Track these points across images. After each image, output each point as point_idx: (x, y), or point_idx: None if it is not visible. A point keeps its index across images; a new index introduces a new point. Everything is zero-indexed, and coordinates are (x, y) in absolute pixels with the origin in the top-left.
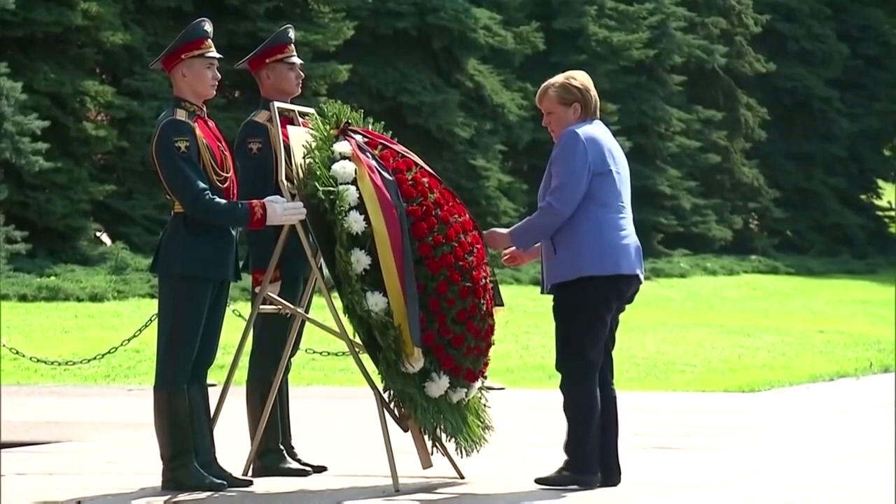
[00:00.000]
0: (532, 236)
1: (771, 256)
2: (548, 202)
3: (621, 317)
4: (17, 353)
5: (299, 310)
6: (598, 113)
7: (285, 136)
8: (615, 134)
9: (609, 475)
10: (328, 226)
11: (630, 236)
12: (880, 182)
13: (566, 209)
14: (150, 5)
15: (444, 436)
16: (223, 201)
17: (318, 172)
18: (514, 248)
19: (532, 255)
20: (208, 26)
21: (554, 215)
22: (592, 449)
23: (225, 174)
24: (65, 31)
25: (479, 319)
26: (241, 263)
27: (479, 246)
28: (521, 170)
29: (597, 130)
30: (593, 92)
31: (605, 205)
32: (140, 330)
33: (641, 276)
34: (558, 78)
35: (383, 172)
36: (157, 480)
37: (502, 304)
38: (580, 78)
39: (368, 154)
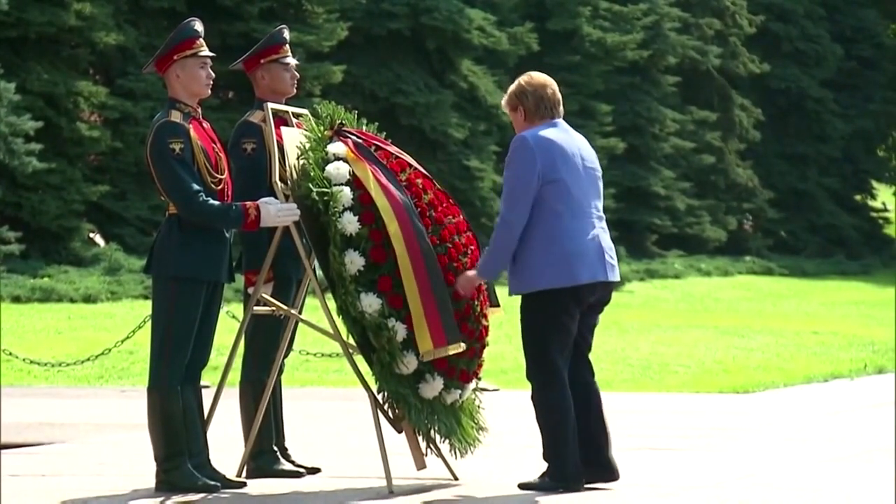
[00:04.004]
0: (497, 260)
1: (765, 257)
2: (499, 217)
3: (613, 318)
4: (11, 354)
5: (293, 311)
6: (556, 113)
7: (279, 136)
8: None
9: (603, 473)
10: (322, 227)
11: (592, 241)
12: (874, 183)
13: (518, 218)
14: (144, 6)
15: (438, 437)
16: (217, 203)
17: (311, 173)
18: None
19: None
20: (199, 26)
21: (508, 228)
22: (571, 454)
23: (219, 176)
24: (58, 31)
25: (473, 321)
26: (233, 264)
27: (473, 247)
28: None
29: (553, 134)
30: (541, 92)
31: (557, 213)
32: (133, 331)
33: (610, 278)
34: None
35: (383, 171)
36: (150, 482)
37: (498, 305)
38: (528, 79)
39: (366, 153)
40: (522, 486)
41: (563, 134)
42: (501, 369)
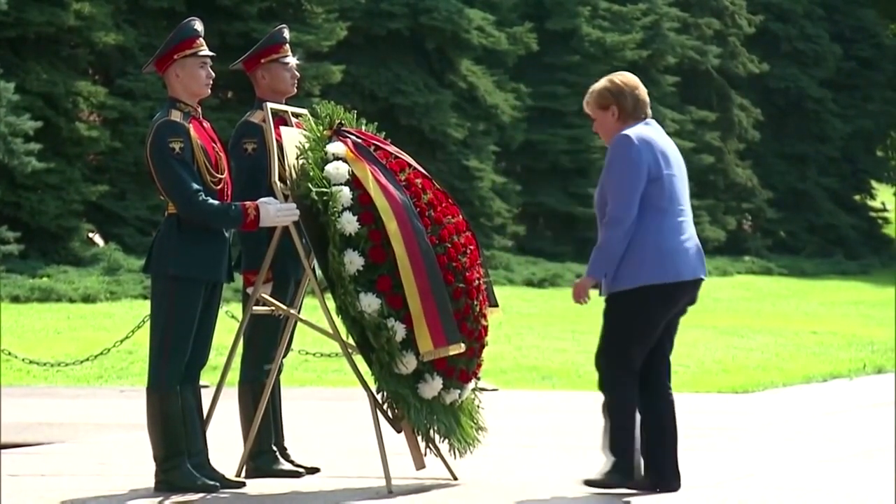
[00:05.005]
0: (609, 258)
1: (764, 257)
2: (608, 215)
3: None
4: (10, 354)
5: (292, 311)
6: (646, 112)
7: (278, 136)
8: None
9: (665, 480)
10: (321, 227)
11: (690, 239)
12: (873, 183)
13: (628, 216)
14: (143, 6)
15: (437, 437)
16: (216, 202)
17: (311, 173)
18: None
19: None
20: (198, 25)
21: (619, 226)
22: (635, 451)
23: (219, 175)
24: (57, 31)
25: (473, 321)
26: (232, 264)
27: (472, 247)
28: (514, 170)
29: (649, 132)
30: (637, 92)
31: (662, 210)
32: (133, 331)
33: (704, 277)
34: (601, 81)
35: (383, 171)
36: (149, 482)
37: (497, 305)
38: (619, 79)
39: (365, 153)
40: (588, 483)
41: (657, 133)
42: (501, 369)
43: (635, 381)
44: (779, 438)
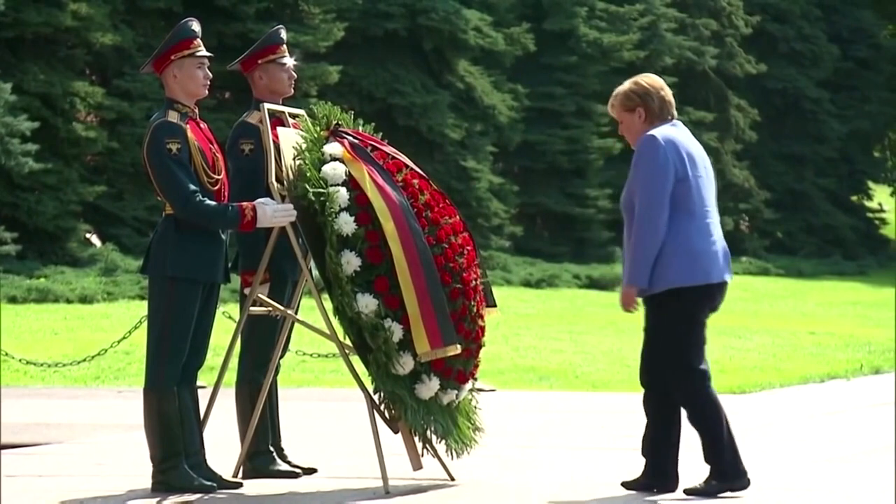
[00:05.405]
0: (646, 262)
1: (762, 258)
2: (639, 218)
3: (609, 319)
4: (7, 354)
5: (290, 311)
6: (672, 113)
7: (275, 137)
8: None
9: (667, 480)
10: (318, 227)
11: (718, 241)
12: (871, 183)
13: (660, 217)
14: (140, 6)
15: (434, 437)
16: (213, 203)
17: (308, 174)
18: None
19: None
20: (196, 26)
21: (652, 228)
22: (731, 452)
23: (216, 176)
24: (54, 31)
25: (470, 321)
26: (229, 265)
27: (469, 247)
28: (511, 171)
29: (675, 133)
30: (663, 93)
31: (689, 211)
32: (130, 332)
33: (729, 280)
34: (625, 84)
35: (380, 171)
36: (146, 482)
37: (495, 306)
38: (644, 80)
39: (362, 154)
40: (688, 492)
41: (684, 134)
42: (498, 370)
43: (704, 380)
44: (776, 439)
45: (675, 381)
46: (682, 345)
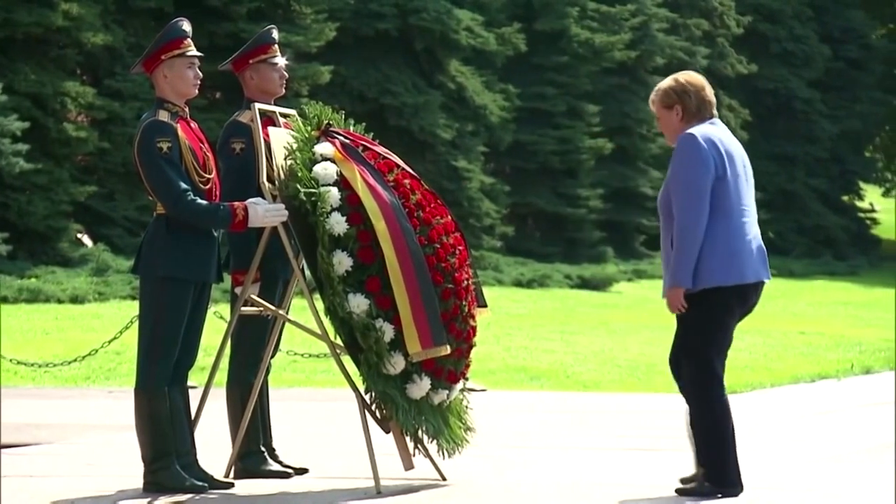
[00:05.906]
0: (689, 261)
1: None
2: (678, 219)
3: (601, 318)
4: None
5: (281, 311)
6: (711, 113)
7: (266, 136)
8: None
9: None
10: (310, 227)
11: (754, 240)
12: (862, 183)
13: (700, 216)
14: (131, 6)
15: (425, 437)
16: (204, 203)
17: (299, 174)
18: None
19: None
20: (186, 25)
21: (693, 226)
22: (731, 458)
23: (207, 175)
24: (45, 31)
25: (461, 321)
26: (221, 264)
27: (461, 247)
28: (502, 171)
29: (715, 131)
30: (703, 92)
31: (725, 210)
32: (121, 332)
33: (767, 280)
34: (666, 80)
35: (371, 171)
36: (137, 483)
37: (485, 306)
38: (684, 78)
39: (354, 153)
40: (680, 492)
41: (723, 132)
42: (489, 370)
43: (719, 383)
44: (767, 439)
45: (689, 377)
46: (705, 343)
